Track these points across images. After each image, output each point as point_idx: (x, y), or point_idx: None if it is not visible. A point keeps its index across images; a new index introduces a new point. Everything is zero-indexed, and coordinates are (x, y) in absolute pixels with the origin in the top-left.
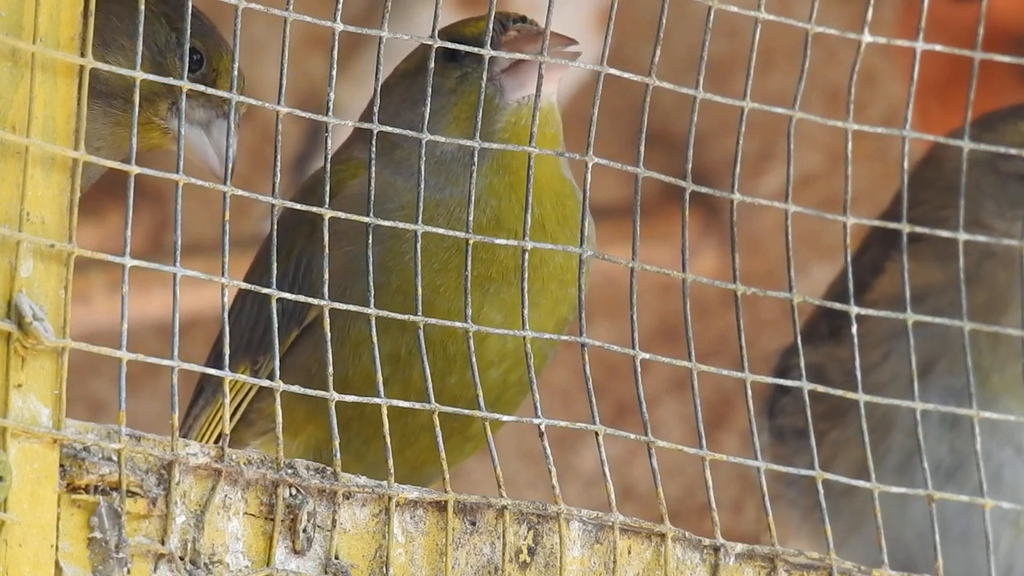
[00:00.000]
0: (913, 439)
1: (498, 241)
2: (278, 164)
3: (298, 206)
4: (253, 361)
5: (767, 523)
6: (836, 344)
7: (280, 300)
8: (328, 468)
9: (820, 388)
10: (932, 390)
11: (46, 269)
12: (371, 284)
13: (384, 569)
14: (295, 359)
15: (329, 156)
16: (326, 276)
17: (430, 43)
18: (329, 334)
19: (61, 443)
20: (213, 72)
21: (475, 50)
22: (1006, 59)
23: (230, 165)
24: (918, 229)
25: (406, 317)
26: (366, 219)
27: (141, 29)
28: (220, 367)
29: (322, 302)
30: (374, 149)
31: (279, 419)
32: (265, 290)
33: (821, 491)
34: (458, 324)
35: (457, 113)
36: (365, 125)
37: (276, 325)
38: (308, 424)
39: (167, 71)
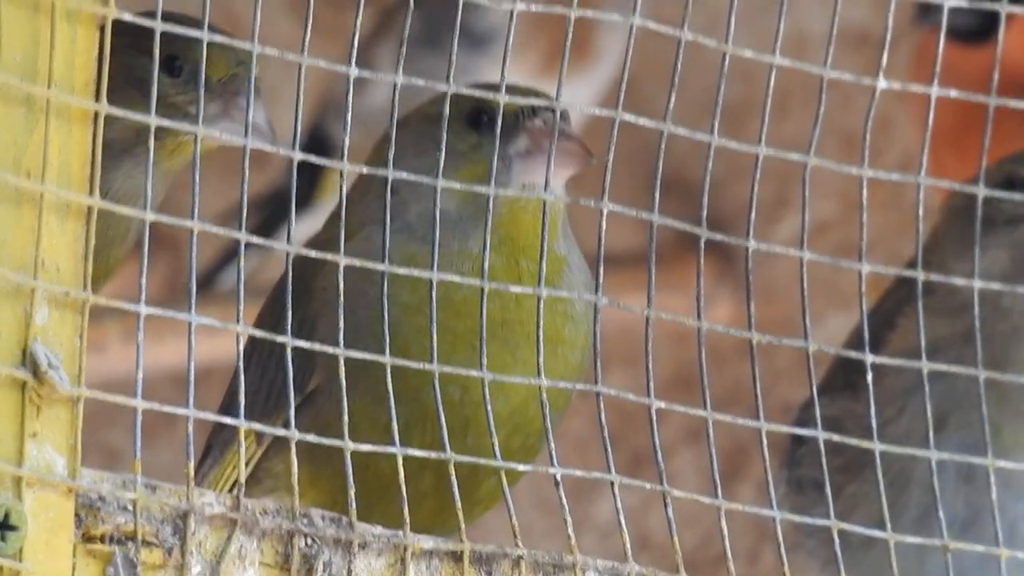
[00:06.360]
0: (930, 494)
1: (514, 289)
2: (292, 211)
3: (313, 253)
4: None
5: (783, 573)
6: (852, 398)
7: (283, 370)
8: (343, 517)
9: (836, 437)
10: (947, 445)
11: (61, 317)
12: (386, 332)
13: None
14: (297, 427)
15: (344, 201)
16: (341, 324)
17: (453, 89)
18: (344, 382)
19: (76, 492)
20: (194, 65)
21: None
22: (1022, 104)
23: (263, 129)
24: (933, 277)
25: (421, 365)
26: (381, 266)
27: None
28: (231, 426)
29: (337, 350)
30: (389, 194)
31: (294, 468)
32: (280, 338)
33: (837, 541)
34: (474, 372)
35: (461, 176)
36: (379, 171)
37: (291, 373)
38: (311, 488)
39: (162, 94)
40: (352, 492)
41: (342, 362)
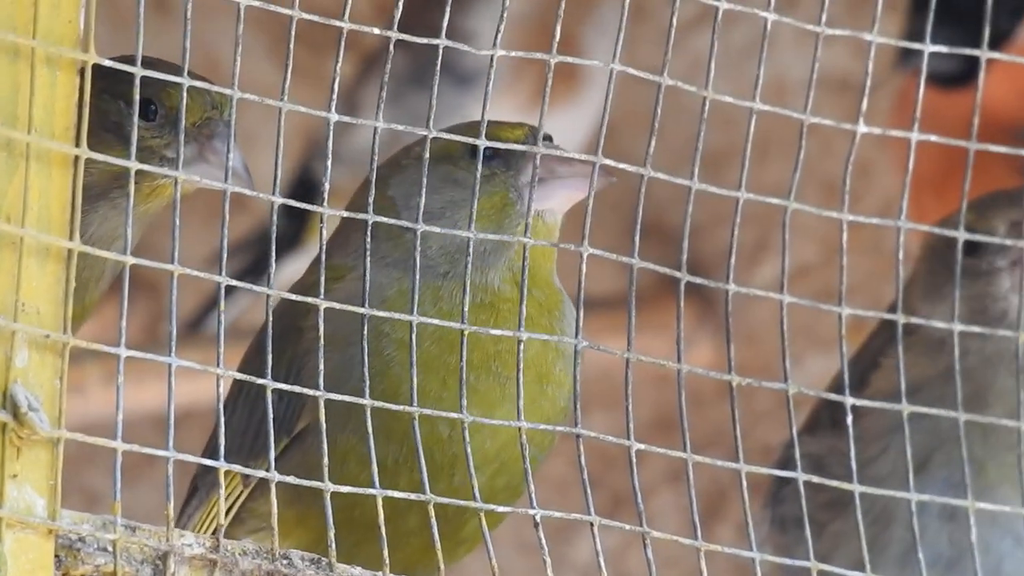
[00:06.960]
0: (913, 532)
1: (494, 331)
2: (273, 255)
3: (295, 296)
4: (244, 466)
5: None
6: (837, 435)
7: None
8: (323, 559)
9: (816, 479)
10: (931, 483)
11: (41, 359)
12: (367, 375)
13: None
14: (284, 468)
15: (324, 246)
16: (321, 367)
17: (434, 134)
18: (324, 425)
19: (56, 533)
20: (172, 110)
21: (520, 147)
22: (1001, 150)
23: (239, 172)
24: (914, 320)
25: (401, 408)
26: (361, 309)
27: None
28: (214, 466)
29: (318, 393)
30: (368, 239)
31: (274, 509)
32: (261, 380)
33: None
34: (453, 415)
35: (478, 208)
36: (362, 216)
37: (271, 416)
38: (298, 528)
39: (136, 137)
40: (332, 533)
41: (322, 405)
